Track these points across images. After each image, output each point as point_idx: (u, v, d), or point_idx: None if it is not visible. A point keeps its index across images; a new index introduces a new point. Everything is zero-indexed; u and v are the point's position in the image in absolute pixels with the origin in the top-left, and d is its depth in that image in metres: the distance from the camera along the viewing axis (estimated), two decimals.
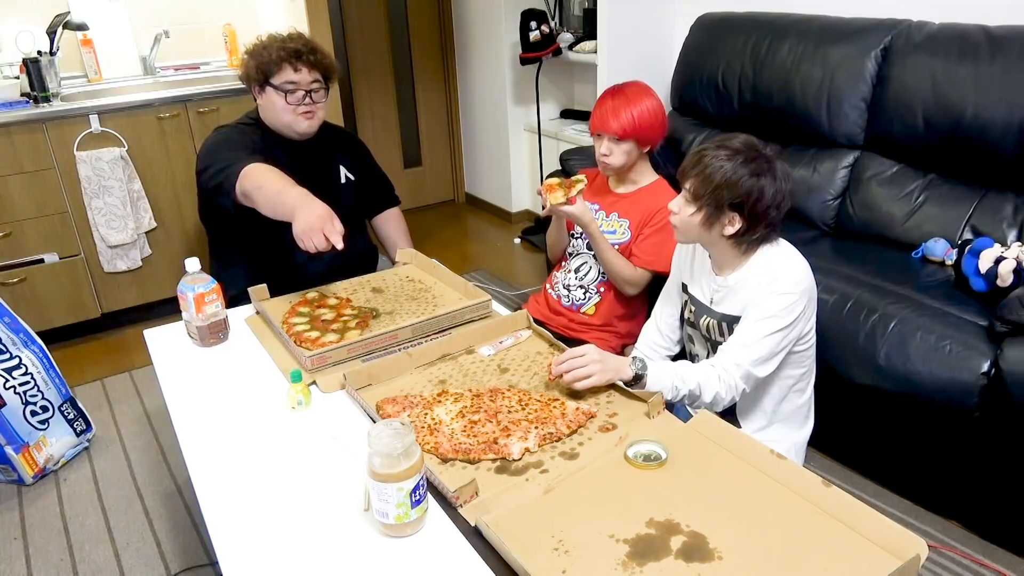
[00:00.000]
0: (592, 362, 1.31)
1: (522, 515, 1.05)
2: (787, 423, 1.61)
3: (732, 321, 1.52)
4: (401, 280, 1.88)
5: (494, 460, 1.18)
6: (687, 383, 1.40)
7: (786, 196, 1.42)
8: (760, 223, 1.42)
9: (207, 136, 2.01)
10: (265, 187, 1.72)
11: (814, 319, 1.54)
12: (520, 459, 1.18)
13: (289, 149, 1.98)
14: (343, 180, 2.10)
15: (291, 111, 1.91)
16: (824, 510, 1.03)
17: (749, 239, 1.45)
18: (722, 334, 1.56)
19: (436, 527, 1.07)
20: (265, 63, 1.88)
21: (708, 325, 1.59)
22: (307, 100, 1.91)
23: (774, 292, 1.43)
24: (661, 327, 1.77)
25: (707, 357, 1.61)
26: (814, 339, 1.57)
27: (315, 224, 1.59)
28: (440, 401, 1.34)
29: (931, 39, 2.20)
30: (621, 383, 1.35)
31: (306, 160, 1.99)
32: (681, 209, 1.46)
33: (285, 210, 1.68)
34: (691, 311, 1.65)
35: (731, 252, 1.49)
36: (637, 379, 1.35)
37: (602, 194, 2.02)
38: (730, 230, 1.43)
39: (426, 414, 1.30)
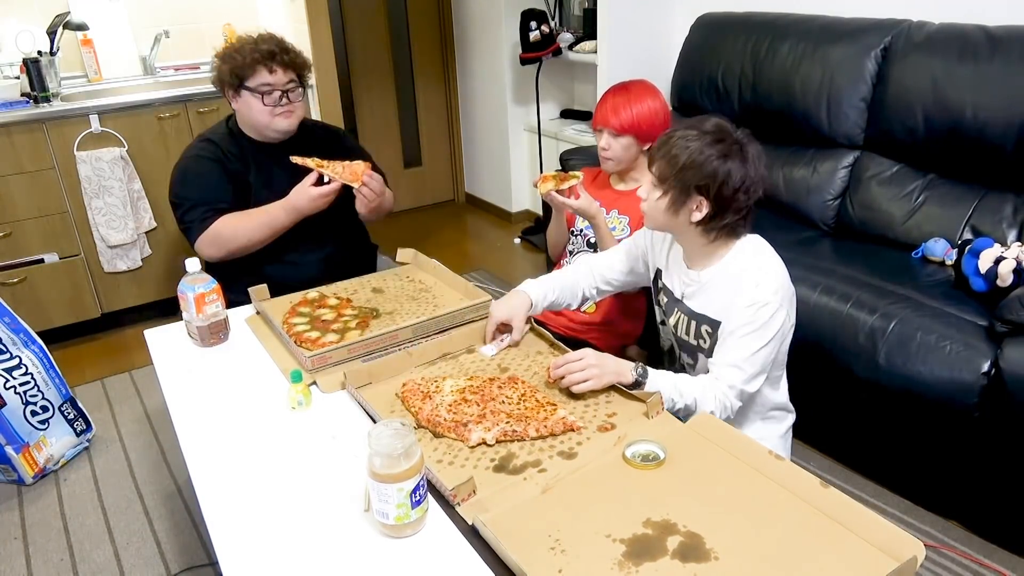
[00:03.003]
0: (589, 367, 1.31)
1: (519, 514, 1.05)
2: (767, 420, 1.59)
3: (703, 321, 1.47)
4: (401, 280, 1.88)
5: (473, 448, 1.21)
6: (684, 397, 1.37)
7: (756, 181, 1.36)
8: (728, 208, 1.36)
9: (181, 154, 2.03)
10: (249, 231, 1.91)
11: (794, 307, 1.50)
12: (491, 445, 1.21)
13: (265, 156, 1.98)
14: (326, 179, 1.96)
15: (268, 112, 1.91)
16: (822, 511, 1.03)
17: (717, 226, 1.39)
18: (687, 333, 1.52)
19: (436, 527, 1.07)
20: (239, 67, 1.88)
21: (678, 322, 1.55)
22: (284, 100, 1.91)
23: (754, 304, 1.37)
24: (603, 269, 1.69)
25: (677, 361, 1.61)
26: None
27: (311, 207, 1.85)
28: (453, 376, 1.40)
29: (931, 39, 2.20)
30: (621, 385, 1.35)
31: (281, 162, 1.94)
32: (649, 194, 1.41)
33: (286, 220, 1.90)
34: (663, 303, 1.61)
35: (700, 242, 1.43)
36: (636, 385, 1.34)
37: (603, 191, 2.02)
38: (697, 216, 1.37)
39: (434, 382, 1.36)
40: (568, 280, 1.69)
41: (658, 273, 1.63)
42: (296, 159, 1.87)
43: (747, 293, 1.38)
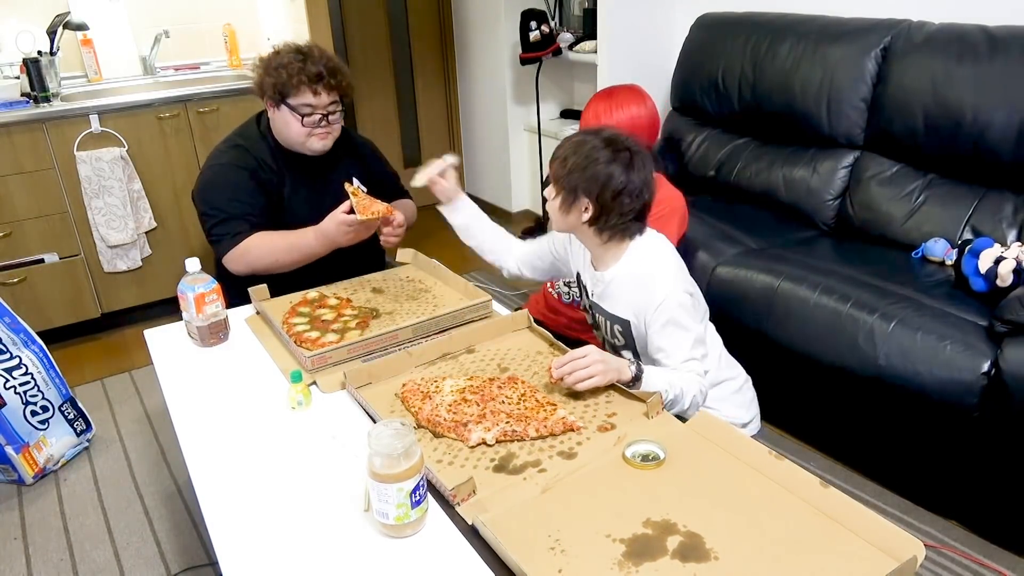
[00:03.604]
0: (595, 363, 1.32)
1: (519, 514, 1.05)
2: (715, 387, 1.61)
3: (615, 321, 1.53)
4: (401, 280, 1.88)
5: (473, 448, 1.21)
6: (673, 388, 1.40)
7: (640, 187, 1.42)
8: (612, 211, 1.42)
9: (208, 158, 1.97)
10: (279, 251, 1.85)
11: (698, 290, 1.56)
12: (491, 445, 1.21)
13: (297, 163, 1.95)
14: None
15: (305, 132, 1.87)
16: (821, 511, 1.03)
17: (606, 227, 1.45)
18: (608, 333, 1.58)
19: (436, 527, 1.07)
20: (283, 83, 1.82)
21: (605, 327, 1.59)
22: (323, 123, 1.88)
23: (661, 304, 1.43)
24: (517, 251, 1.81)
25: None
26: (703, 304, 1.59)
27: (342, 237, 1.77)
28: (453, 376, 1.40)
29: (931, 39, 2.20)
30: (620, 383, 1.36)
31: (314, 172, 1.96)
32: (549, 194, 1.49)
33: (317, 246, 1.82)
34: (586, 305, 1.66)
35: (595, 241, 1.50)
36: (635, 380, 1.35)
37: None
38: (585, 216, 1.44)
39: (434, 382, 1.36)
40: (500, 232, 1.83)
41: (578, 276, 1.68)
42: (348, 186, 1.84)
43: (650, 298, 1.44)
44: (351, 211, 1.76)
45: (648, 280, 1.45)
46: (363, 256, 2.10)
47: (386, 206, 1.79)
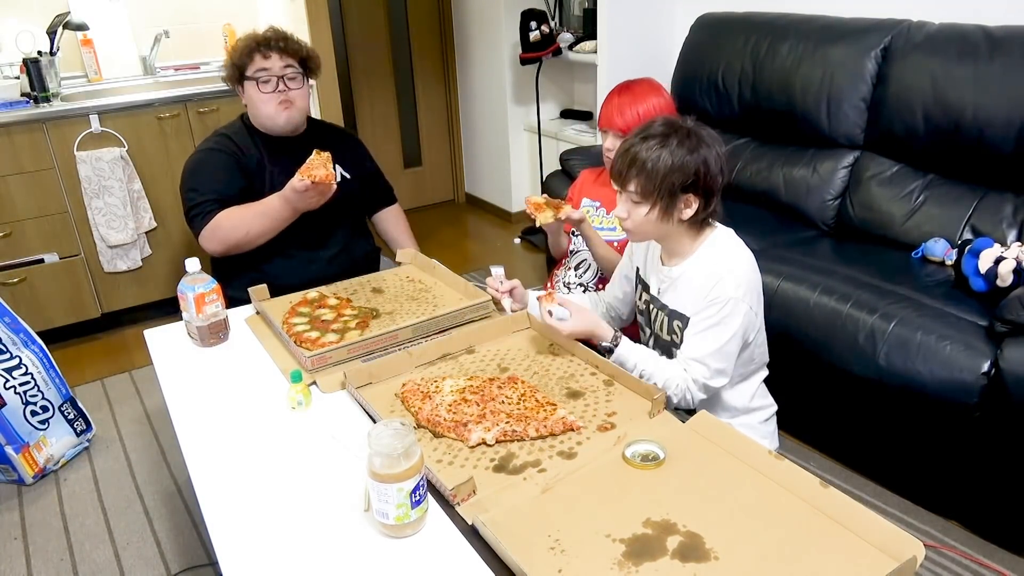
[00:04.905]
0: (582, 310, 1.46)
1: (519, 514, 1.05)
2: (742, 413, 1.59)
3: (675, 317, 1.50)
4: (401, 280, 1.88)
5: (473, 448, 1.21)
6: (649, 379, 1.42)
7: (724, 158, 1.41)
8: (714, 195, 1.41)
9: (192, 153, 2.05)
10: (247, 221, 1.89)
11: (762, 314, 1.52)
12: (491, 445, 1.21)
13: (279, 149, 1.99)
14: (338, 178, 2.07)
15: (268, 101, 1.93)
16: (821, 511, 1.03)
17: (704, 215, 1.44)
18: (662, 330, 1.55)
19: (436, 527, 1.07)
20: (238, 56, 1.94)
21: (661, 322, 1.57)
22: (280, 87, 1.94)
23: (717, 299, 1.40)
24: (610, 300, 1.77)
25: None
26: (764, 334, 1.56)
27: (302, 202, 1.84)
28: (453, 376, 1.41)
29: (931, 39, 2.20)
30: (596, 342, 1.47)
31: (296, 159, 1.95)
32: (631, 213, 1.43)
33: (284, 211, 1.86)
34: (644, 301, 1.63)
35: (686, 237, 1.47)
36: (606, 351, 1.42)
37: (605, 190, 2.02)
38: (688, 213, 1.41)
39: (434, 382, 1.37)
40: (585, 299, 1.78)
41: (638, 273, 1.65)
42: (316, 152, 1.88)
43: (711, 288, 1.41)
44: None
45: (717, 281, 1.41)
46: (361, 256, 2.12)
47: (328, 173, 1.83)
